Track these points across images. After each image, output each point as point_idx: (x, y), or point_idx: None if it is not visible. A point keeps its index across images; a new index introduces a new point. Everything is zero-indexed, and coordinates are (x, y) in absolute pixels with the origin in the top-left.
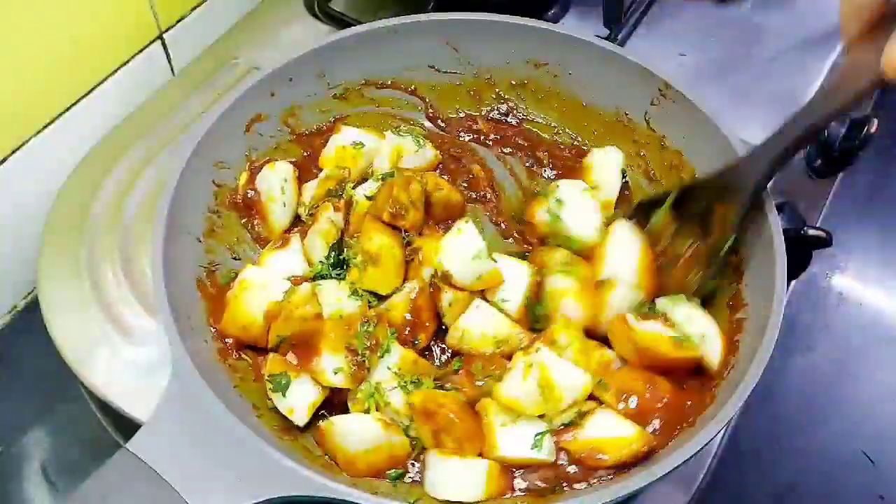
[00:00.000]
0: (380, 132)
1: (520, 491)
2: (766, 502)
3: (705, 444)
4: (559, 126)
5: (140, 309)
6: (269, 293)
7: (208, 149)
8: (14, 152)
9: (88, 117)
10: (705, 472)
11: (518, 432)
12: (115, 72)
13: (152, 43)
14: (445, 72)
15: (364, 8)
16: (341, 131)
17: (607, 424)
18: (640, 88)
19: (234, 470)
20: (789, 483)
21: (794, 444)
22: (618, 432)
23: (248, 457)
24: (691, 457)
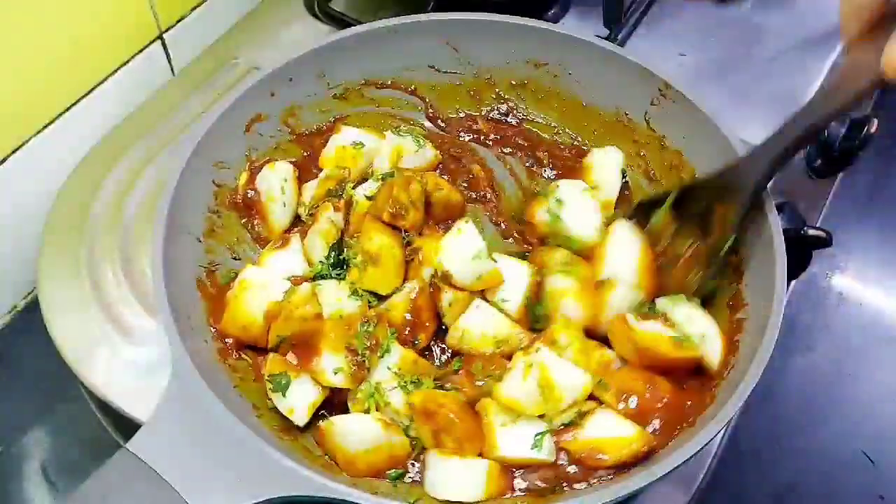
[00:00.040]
0: (380, 132)
1: (520, 491)
2: (766, 502)
3: (705, 444)
4: (559, 126)
5: (140, 309)
6: (269, 293)
7: (208, 149)
8: (14, 152)
9: (88, 117)
10: (705, 472)
11: (518, 432)
12: (115, 72)
13: (152, 43)
14: (445, 72)
15: (364, 8)
16: (341, 131)
17: (607, 424)
18: (640, 88)
19: (234, 470)
20: (789, 483)
21: (794, 444)
22: (618, 432)
23: (248, 457)
24: (691, 457)
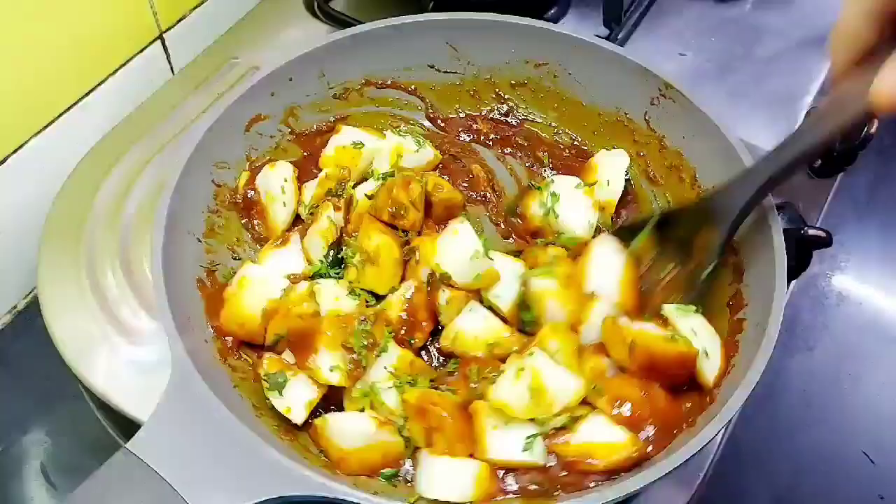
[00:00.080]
0: (380, 132)
1: (512, 493)
2: (766, 502)
3: (705, 444)
4: (559, 126)
5: (140, 309)
6: (268, 291)
7: (208, 149)
8: (14, 152)
9: (88, 117)
10: (705, 472)
11: (509, 435)
12: (115, 72)
13: (152, 43)
14: (445, 72)
15: (364, 8)
16: (341, 131)
17: (599, 429)
18: (640, 88)
19: (234, 470)
20: (789, 483)
21: (794, 444)
22: (609, 438)
23: (248, 457)
24: (691, 457)
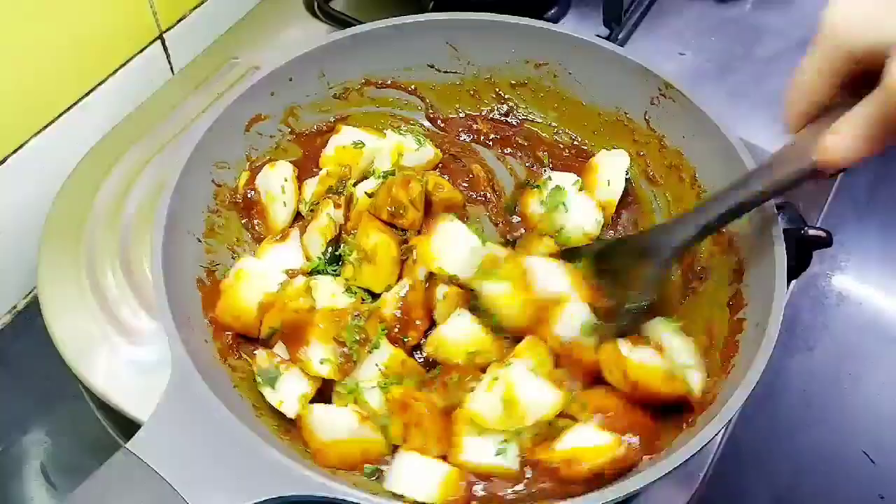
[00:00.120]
0: (380, 132)
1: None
2: (766, 502)
3: (705, 444)
4: (559, 126)
5: (140, 309)
6: (266, 284)
7: (208, 149)
8: (14, 152)
9: (88, 117)
10: (705, 472)
11: (485, 440)
12: (115, 72)
13: (152, 43)
14: (445, 72)
15: (364, 8)
16: (341, 131)
17: (585, 436)
18: (640, 88)
19: (234, 470)
20: (789, 483)
21: (794, 444)
22: (595, 441)
23: (248, 457)
24: (691, 457)
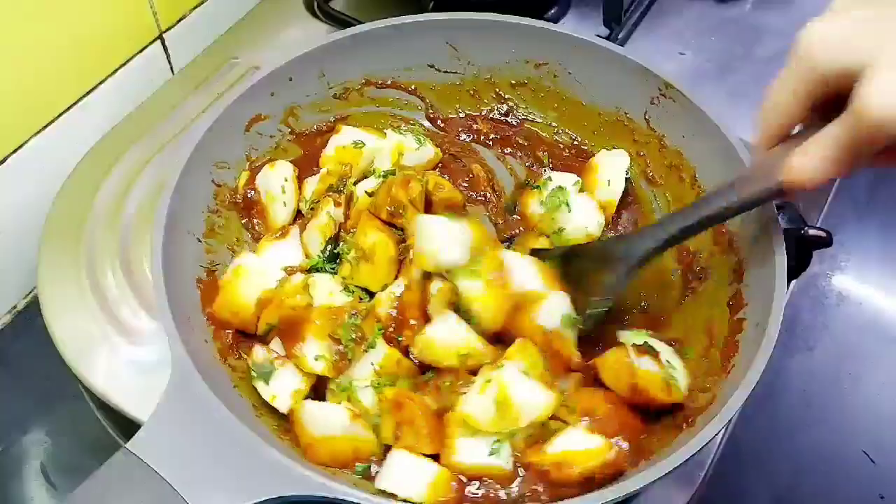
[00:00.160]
0: (380, 132)
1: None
2: (766, 502)
3: (705, 444)
4: (559, 126)
5: (140, 309)
6: (264, 281)
7: (208, 149)
8: (14, 152)
9: (88, 117)
10: (705, 472)
11: (478, 441)
12: (115, 72)
13: (152, 43)
14: (445, 72)
15: (364, 8)
16: (341, 131)
17: (576, 439)
18: (640, 88)
19: (234, 470)
20: (789, 483)
21: (794, 444)
22: (586, 444)
23: (248, 457)
24: (691, 457)
